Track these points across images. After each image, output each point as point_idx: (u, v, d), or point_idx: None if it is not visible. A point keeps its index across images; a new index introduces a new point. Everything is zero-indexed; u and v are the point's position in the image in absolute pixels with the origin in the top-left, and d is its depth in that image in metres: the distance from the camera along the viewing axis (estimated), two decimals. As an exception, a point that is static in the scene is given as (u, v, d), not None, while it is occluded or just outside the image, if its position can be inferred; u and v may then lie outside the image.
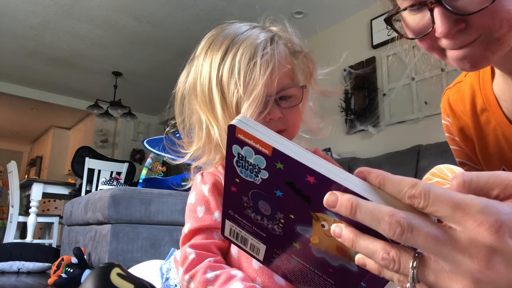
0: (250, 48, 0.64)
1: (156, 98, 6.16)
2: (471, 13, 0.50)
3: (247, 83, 0.62)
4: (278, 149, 0.33)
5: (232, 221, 0.47)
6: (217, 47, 0.67)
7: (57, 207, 6.69)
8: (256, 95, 0.61)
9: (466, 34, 0.52)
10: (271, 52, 0.64)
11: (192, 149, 0.71)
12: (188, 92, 0.72)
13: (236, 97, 0.63)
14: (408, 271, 0.31)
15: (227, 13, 3.73)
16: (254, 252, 0.49)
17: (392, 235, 0.31)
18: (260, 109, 0.63)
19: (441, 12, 0.51)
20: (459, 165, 0.85)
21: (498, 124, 0.70)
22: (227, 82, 0.64)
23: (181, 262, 0.63)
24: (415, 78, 3.13)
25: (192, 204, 0.68)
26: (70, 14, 3.87)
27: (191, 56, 0.73)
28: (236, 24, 0.71)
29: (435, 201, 0.30)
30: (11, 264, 2.78)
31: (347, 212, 0.32)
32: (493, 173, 0.33)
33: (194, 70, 0.71)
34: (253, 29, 0.68)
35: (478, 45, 0.53)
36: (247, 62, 0.63)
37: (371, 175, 0.34)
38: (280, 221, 0.40)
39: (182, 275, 0.62)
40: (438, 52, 0.58)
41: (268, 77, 0.62)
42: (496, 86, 0.71)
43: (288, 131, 0.68)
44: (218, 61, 0.65)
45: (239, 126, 0.34)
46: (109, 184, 2.96)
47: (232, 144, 0.36)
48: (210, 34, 0.72)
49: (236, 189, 0.41)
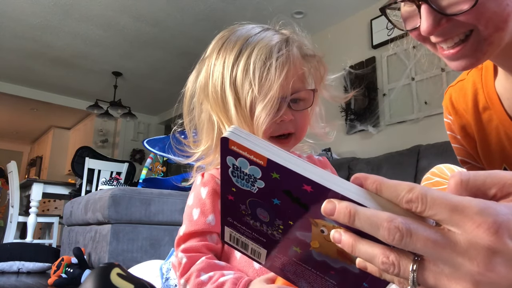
0: (265, 49, 0.64)
1: (156, 98, 6.16)
2: (455, 14, 0.50)
3: (262, 84, 0.62)
4: (272, 160, 0.33)
5: (231, 227, 0.47)
6: (230, 47, 0.66)
7: (57, 207, 6.69)
8: (271, 96, 0.62)
9: (451, 32, 0.53)
10: (287, 54, 0.64)
11: (200, 149, 0.71)
12: (199, 92, 0.72)
13: (250, 98, 0.63)
14: (408, 275, 0.31)
15: (227, 14, 3.73)
16: (255, 256, 0.49)
17: (391, 241, 0.31)
18: (274, 110, 0.63)
19: (426, 9, 0.52)
20: (460, 163, 0.85)
21: (500, 122, 0.70)
22: (241, 82, 0.64)
23: (177, 267, 0.64)
24: (415, 78, 3.13)
25: (189, 206, 0.69)
26: (70, 14, 3.87)
27: (201, 57, 0.73)
28: (247, 25, 0.71)
29: (432, 205, 0.30)
30: (11, 264, 2.78)
31: (345, 219, 0.32)
32: (491, 173, 0.33)
33: (206, 70, 0.70)
34: (266, 31, 0.68)
35: (469, 46, 0.54)
36: (262, 63, 0.63)
37: (367, 181, 0.34)
38: (279, 227, 0.40)
39: (178, 279, 0.63)
40: (429, 44, 0.59)
41: (284, 79, 0.63)
42: (499, 84, 0.71)
43: (296, 134, 0.69)
44: (232, 61, 0.65)
45: (231, 138, 0.34)
46: (109, 184, 2.96)
47: (226, 156, 0.36)
48: (222, 35, 0.71)
49: (233, 197, 0.41)
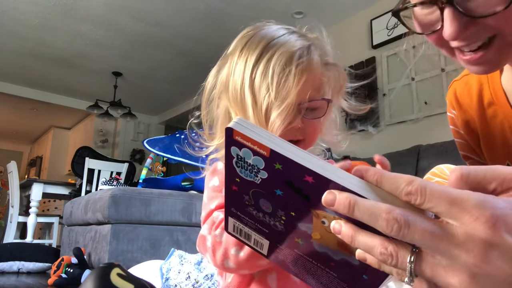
0: (286, 54, 0.63)
1: (156, 98, 6.16)
2: (484, 16, 0.48)
3: (279, 90, 0.62)
4: (275, 151, 0.34)
5: (235, 218, 0.48)
6: (253, 47, 0.66)
7: (57, 207, 6.70)
8: (288, 103, 0.61)
9: (475, 36, 0.50)
10: (307, 62, 0.64)
11: (215, 142, 0.71)
12: (219, 87, 0.71)
13: (266, 102, 0.62)
14: (406, 266, 0.32)
15: (227, 14, 3.73)
16: (258, 247, 0.50)
17: (389, 232, 0.31)
18: (290, 118, 0.62)
19: (451, 13, 0.48)
20: (463, 158, 0.85)
21: (505, 118, 0.70)
22: (259, 85, 0.63)
23: (210, 226, 0.63)
24: (415, 78, 3.13)
25: (217, 186, 0.68)
26: (70, 14, 3.87)
27: (224, 52, 0.72)
28: (273, 25, 0.70)
29: (431, 197, 0.31)
30: (11, 264, 2.79)
31: (345, 210, 0.33)
32: (491, 167, 0.33)
33: (228, 67, 0.69)
34: (290, 34, 0.67)
35: (492, 50, 0.51)
36: (281, 68, 0.62)
37: (368, 173, 0.35)
38: (281, 218, 0.41)
39: (212, 232, 0.61)
40: (446, 49, 0.56)
41: (302, 87, 0.62)
42: (505, 80, 0.70)
43: (305, 142, 0.68)
44: (253, 62, 0.64)
45: (236, 128, 0.35)
46: (109, 184, 2.96)
47: (231, 146, 0.37)
48: (246, 32, 0.70)
49: (237, 188, 0.42)
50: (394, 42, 3.27)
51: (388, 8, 3.32)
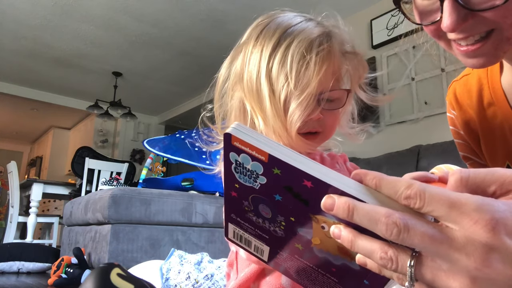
0: (305, 42, 0.60)
1: (156, 98, 6.16)
2: (483, 9, 0.48)
3: (299, 79, 0.58)
4: (273, 156, 0.34)
5: (235, 224, 0.48)
6: (269, 36, 0.62)
7: (57, 207, 6.70)
8: (308, 93, 0.58)
9: (473, 29, 0.51)
10: (328, 49, 0.60)
11: None
12: (233, 78, 0.68)
13: (285, 91, 0.59)
14: (406, 270, 0.32)
15: (227, 14, 3.73)
16: (258, 253, 0.50)
17: (389, 236, 0.31)
18: (311, 108, 0.59)
19: (451, 4, 0.49)
20: (463, 159, 0.84)
21: (505, 119, 0.70)
22: (276, 74, 0.60)
23: None
24: (415, 78, 3.13)
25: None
26: (70, 14, 3.87)
27: (238, 42, 0.69)
28: (288, 13, 0.67)
29: (430, 201, 0.31)
30: (11, 264, 2.78)
31: (344, 214, 0.33)
32: (490, 170, 0.33)
33: (242, 57, 0.66)
34: (308, 22, 0.64)
35: (489, 43, 0.51)
36: (301, 56, 0.59)
37: (367, 177, 0.34)
38: (281, 223, 0.41)
39: None
40: (444, 41, 0.56)
41: (323, 76, 0.59)
42: (505, 80, 0.70)
43: (324, 133, 0.66)
44: (270, 51, 0.61)
45: (234, 134, 0.35)
46: (109, 184, 2.96)
47: (229, 152, 0.37)
48: (260, 21, 0.67)
49: (236, 194, 0.42)
50: (394, 42, 3.27)
51: (388, 8, 3.32)
